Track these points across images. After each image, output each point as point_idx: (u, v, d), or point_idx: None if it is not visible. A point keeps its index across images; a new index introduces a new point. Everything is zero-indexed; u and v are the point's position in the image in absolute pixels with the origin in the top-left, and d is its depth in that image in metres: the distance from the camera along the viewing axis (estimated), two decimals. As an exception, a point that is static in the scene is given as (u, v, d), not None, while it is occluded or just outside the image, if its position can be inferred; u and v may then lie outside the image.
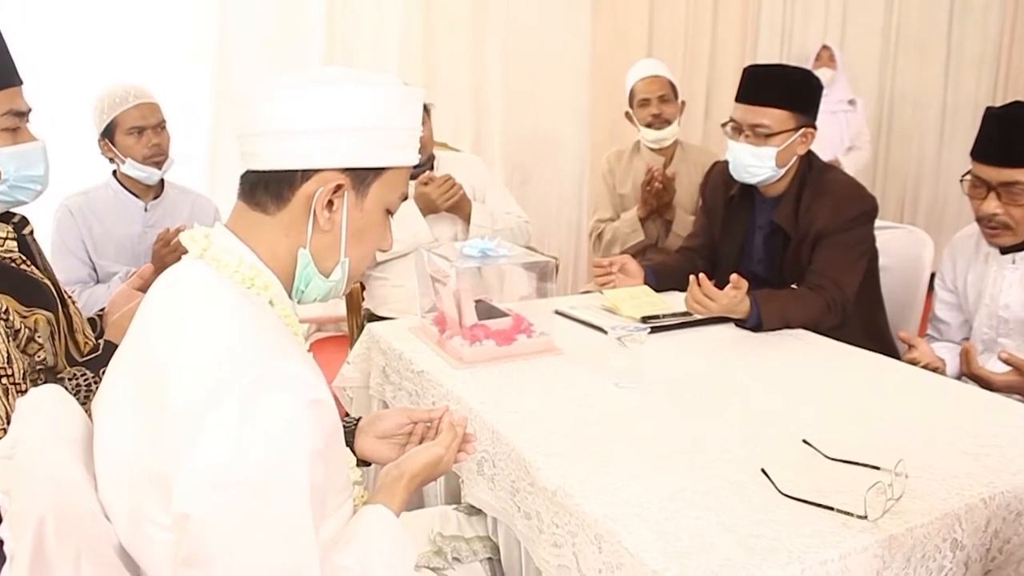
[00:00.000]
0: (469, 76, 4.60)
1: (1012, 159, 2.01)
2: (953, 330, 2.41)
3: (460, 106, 4.61)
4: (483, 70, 4.64)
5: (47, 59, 3.37)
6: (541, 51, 4.77)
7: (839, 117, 5.33)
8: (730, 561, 1.19)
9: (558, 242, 4.99)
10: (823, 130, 5.13)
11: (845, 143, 5.32)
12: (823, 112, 5.14)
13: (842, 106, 5.35)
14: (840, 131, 5.31)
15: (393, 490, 1.33)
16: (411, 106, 1.30)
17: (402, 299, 2.97)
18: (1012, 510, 1.44)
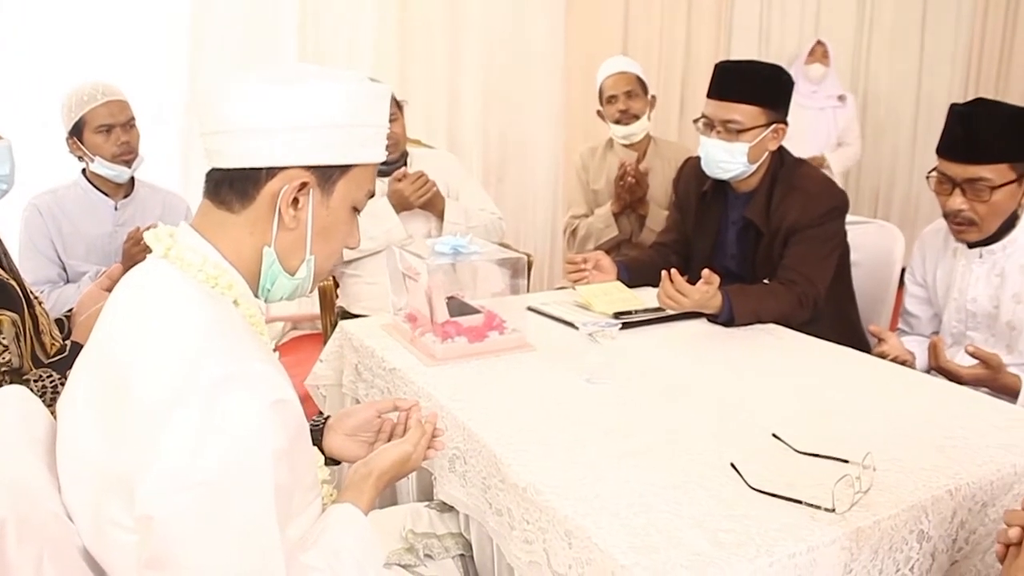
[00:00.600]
0: (444, 73, 4.59)
1: (976, 156, 2.03)
2: (923, 324, 2.42)
3: (435, 103, 4.59)
4: (458, 67, 4.63)
5: (14, 58, 3.33)
6: (516, 50, 4.76)
7: (828, 113, 5.35)
8: (699, 555, 1.19)
9: (533, 239, 4.99)
10: (814, 126, 5.22)
11: (835, 139, 5.34)
12: (814, 108, 5.26)
13: (831, 102, 5.36)
14: (830, 127, 5.33)
15: (361, 488, 1.33)
16: (378, 103, 1.29)
17: (376, 296, 2.96)
18: (977, 501, 1.45)
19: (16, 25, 3.40)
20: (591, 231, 3.43)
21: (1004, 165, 2.03)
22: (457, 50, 4.60)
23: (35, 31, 3.44)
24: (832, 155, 5.18)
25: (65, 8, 3.49)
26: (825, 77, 5.32)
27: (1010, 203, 2.07)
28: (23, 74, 3.31)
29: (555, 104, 4.92)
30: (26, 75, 3.32)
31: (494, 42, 4.67)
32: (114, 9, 3.59)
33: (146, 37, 3.69)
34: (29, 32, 3.42)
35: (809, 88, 5.27)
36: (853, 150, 5.37)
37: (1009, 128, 2.05)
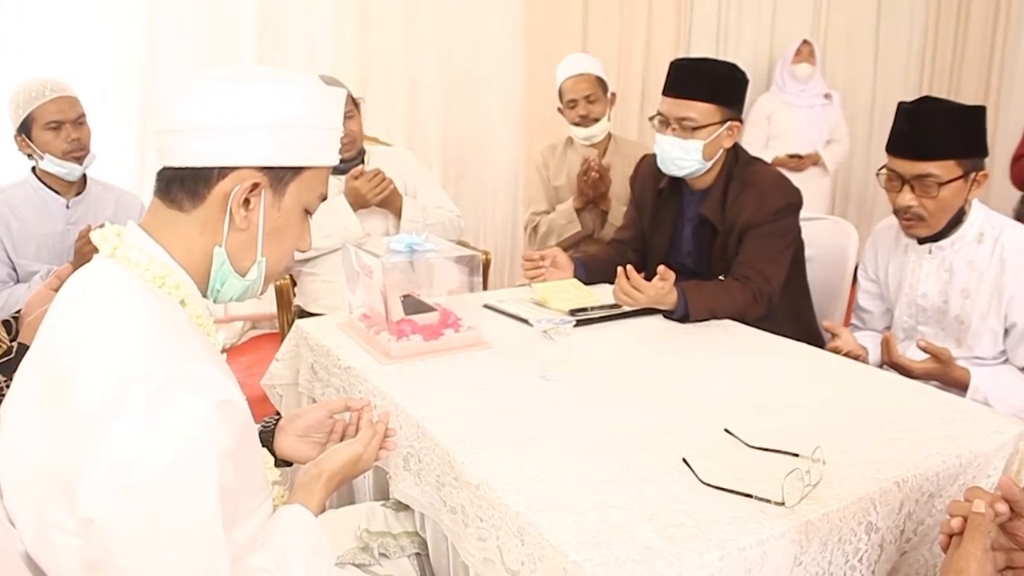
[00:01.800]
0: (404, 71, 4.57)
1: (923, 152, 2.06)
2: (876, 319, 2.45)
3: (395, 101, 4.58)
4: (418, 65, 4.61)
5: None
6: (476, 47, 4.75)
7: (816, 111, 5.41)
8: (649, 550, 1.20)
9: (494, 237, 4.99)
10: (805, 124, 5.28)
11: (824, 137, 5.40)
12: (804, 107, 5.32)
13: (819, 100, 5.42)
14: (819, 125, 5.39)
15: (311, 489, 1.33)
16: (331, 106, 1.30)
17: (333, 295, 2.94)
18: (924, 492, 1.47)
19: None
20: (553, 227, 3.44)
21: (951, 161, 2.06)
22: (417, 47, 4.58)
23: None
24: (825, 152, 5.25)
25: (16, 3, 3.43)
26: (812, 76, 5.39)
27: (957, 199, 2.10)
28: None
29: (515, 102, 4.92)
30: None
31: (454, 39, 4.66)
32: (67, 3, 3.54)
33: (100, 32, 3.64)
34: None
35: (797, 87, 5.34)
36: (843, 146, 5.46)
37: (955, 125, 2.08)
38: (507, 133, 4.93)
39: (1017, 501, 1.26)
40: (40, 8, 3.47)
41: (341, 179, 3.01)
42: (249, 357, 4.39)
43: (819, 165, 5.19)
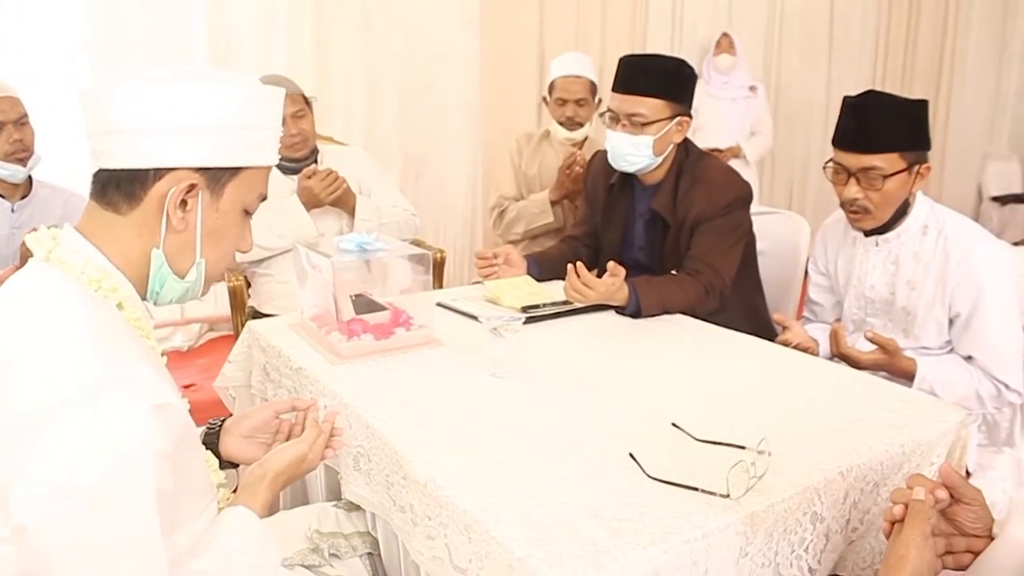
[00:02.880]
0: (360, 69, 4.56)
1: (868, 145, 2.08)
2: (826, 311, 2.48)
3: (352, 100, 4.56)
4: (374, 63, 4.60)
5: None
6: (431, 44, 4.75)
7: (740, 103, 5.45)
8: (594, 545, 1.20)
9: (453, 234, 4.99)
10: (728, 116, 5.32)
11: (747, 129, 5.44)
12: (726, 99, 5.36)
13: (743, 92, 5.46)
14: (742, 117, 5.43)
15: (256, 490, 1.32)
16: (269, 105, 1.29)
17: (287, 295, 2.92)
18: (869, 481, 1.49)
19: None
20: (523, 214, 3.43)
21: (895, 154, 2.08)
22: (373, 45, 4.57)
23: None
24: (747, 144, 5.29)
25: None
26: (734, 68, 5.43)
27: (902, 192, 2.13)
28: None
29: (471, 99, 4.92)
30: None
31: (409, 37, 4.66)
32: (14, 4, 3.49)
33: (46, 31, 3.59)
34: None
35: (720, 79, 5.38)
36: (766, 139, 5.49)
37: (899, 119, 2.11)
38: (464, 131, 4.93)
39: (957, 487, 1.29)
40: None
41: (294, 179, 2.99)
42: (207, 359, 4.36)
43: (740, 158, 5.22)
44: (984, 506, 1.30)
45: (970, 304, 2.10)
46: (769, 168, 6.47)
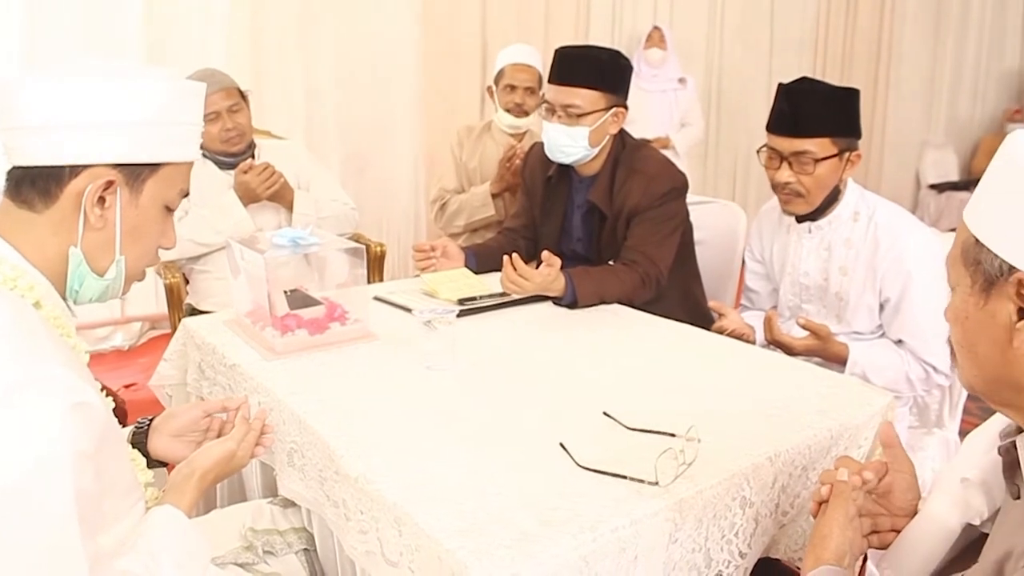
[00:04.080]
0: (300, 63, 4.52)
1: (800, 130, 2.12)
2: (763, 298, 2.51)
3: (292, 94, 4.52)
4: (315, 57, 4.57)
5: None
6: (372, 38, 4.72)
7: (670, 95, 5.49)
8: (524, 534, 1.21)
9: (397, 228, 4.97)
10: (657, 108, 5.36)
11: (677, 120, 5.48)
12: (656, 91, 5.39)
13: (672, 84, 5.51)
14: (671, 109, 5.48)
15: (183, 489, 1.30)
16: (189, 100, 1.27)
17: (225, 292, 2.87)
18: (797, 466, 1.51)
19: None
20: (464, 207, 3.42)
21: (826, 139, 2.12)
22: (313, 39, 4.54)
23: None
24: (676, 136, 5.35)
25: None
26: (664, 61, 5.48)
27: (833, 177, 2.16)
28: None
29: (414, 91, 4.90)
30: None
31: (350, 30, 4.63)
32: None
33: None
34: None
35: (650, 72, 5.43)
36: (696, 130, 5.55)
37: (830, 104, 2.15)
38: (407, 124, 4.91)
39: (893, 447, 1.32)
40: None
41: (230, 174, 2.95)
42: (148, 358, 4.29)
43: (670, 148, 5.28)
44: (914, 480, 1.32)
45: (899, 289, 2.14)
46: (713, 157, 6.54)
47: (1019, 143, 0.97)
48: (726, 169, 6.66)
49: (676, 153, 5.31)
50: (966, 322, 1.02)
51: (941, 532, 1.20)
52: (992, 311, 0.97)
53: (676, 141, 5.34)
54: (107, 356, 4.37)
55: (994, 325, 0.97)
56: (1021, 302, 0.94)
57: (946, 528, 1.19)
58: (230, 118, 2.91)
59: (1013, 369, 0.98)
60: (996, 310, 0.97)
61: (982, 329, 0.99)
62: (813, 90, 2.17)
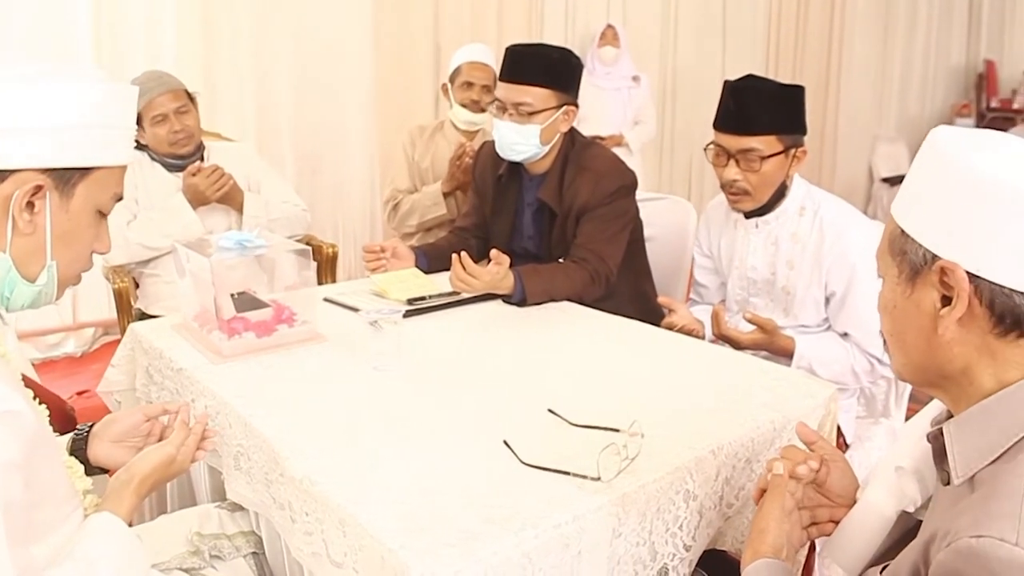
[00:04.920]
0: (252, 64, 4.48)
1: (747, 127, 2.14)
2: (712, 293, 2.53)
3: (244, 95, 4.48)
4: (267, 58, 4.53)
5: None
6: (325, 36, 4.69)
7: (623, 93, 5.53)
8: (466, 532, 1.21)
9: (352, 228, 4.95)
10: (611, 106, 5.39)
11: (630, 118, 5.52)
12: (610, 89, 5.43)
13: (626, 82, 5.55)
14: (625, 106, 5.51)
15: (122, 495, 1.29)
16: (121, 104, 1.26)
17: (175, 296, 2.85)
18: (741, 458, 1.53)
19: None
20: (416, 207, 3.41)
21: (772, 136, 2.14)
22: (264, 39, 4.50)
23: None
24: (630, 133, 5.39)
25: None
26: (618, 59, 5.51)
27: (779, 173, 2.18)
28: None
29: (367, 92, 4.88)
30: None
31: (302, 31, 4.60)
32: None
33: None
34: None
35: (604, 70, 5.47)
36: (649, 127, 5.60)
37: (776, 103, 2.17)
38: (361, 125, 4.89)
39: (814, 443, 1.34)
40: None
41: (179, 176, 2.92)
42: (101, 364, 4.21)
43: (623, 146, 5.32)
44: (848, 469, 1.35)
45: (844, 283, 2.16)
46: (668, 154, 6.59)
47: (940, 139, 1.01)
48: (681, 166, 6.70)
49: (630, 151, 5.35)
50: (894, 311, 1.05)
51: (878, 520, 1.22)
52: (917, 300, 1.00)
53: (630, 139, 5.39)
54: (59, 363, 4.31)
55: (920, 313, 1.00)
56: (944, 290, 0.97)
57: (882, 516, 1.21)
58: (178, 120, 2.88)
59: (938, 356, 1.00)
60: (921, 299, 1.00)
61: (909, 318, 1.02)
62: (759, 88, 2.19)
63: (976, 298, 0.95)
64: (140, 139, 2.92)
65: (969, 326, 0.97)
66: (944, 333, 0.98)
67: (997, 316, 0.95)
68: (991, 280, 0.94)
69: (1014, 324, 0.95)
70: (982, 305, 0.95)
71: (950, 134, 1.01)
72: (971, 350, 0.98)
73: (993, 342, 0.96)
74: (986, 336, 0.96)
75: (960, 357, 0.99)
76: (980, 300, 0.95)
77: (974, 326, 0.97)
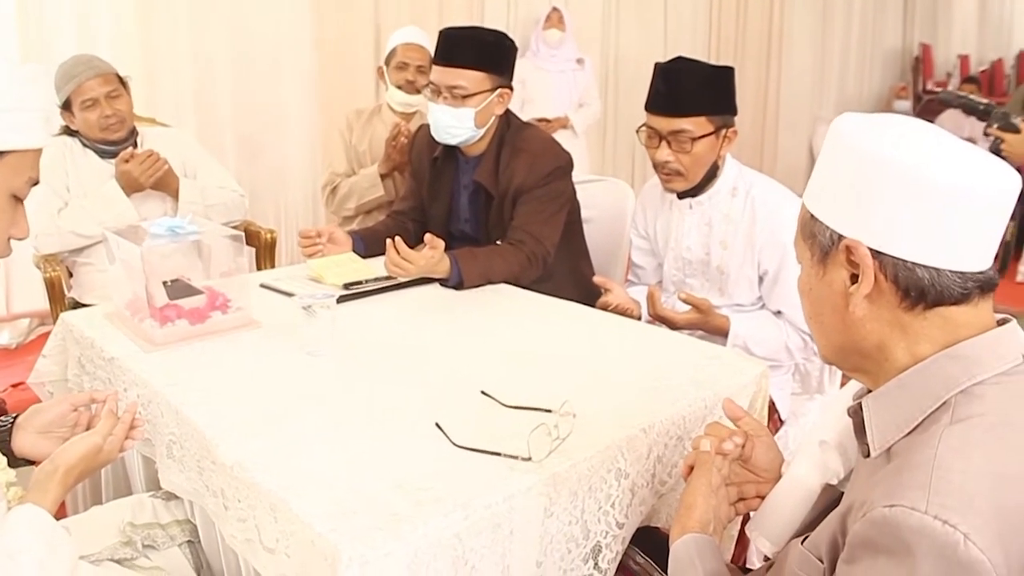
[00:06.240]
0: (189, 48, 4.41)
1: (677, 109, 2.15)
2: (649, 274, 2.55)
3: (182, 79, 4.41)
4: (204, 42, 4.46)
5: None
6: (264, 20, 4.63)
7: (568, 76, 5.55)
8: (396, 515, 1.22)
9: (294, 214, 4.90)
10: (555, 88, 5.41)
11: (575, 101, 5.54)
12: (555, 71, 5.44)
13: (570, 65, 5.57)
14: (570, 89, 5.53)
15: (46, 487, 1.27)
16: (32, 86, 1.24)
17: (110, 285, 2.81)
18: (672, 436, 1.55)
19: None
20: (354, 190, 3.39)
21: (702, 118, 2.16)
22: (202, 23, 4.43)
23: None
24: (575, 115, 5.41)
25: None
26: (563, 42, 5.52)
27: (710, 154, 2.21)
28: None
29: (308, 76, 4.83)
30: None
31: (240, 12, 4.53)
32: None
33: None
34: None
35: (548, 52, 5.48)
36: (593, 109, 5.63)
37: (706, 83, 2.19)
38: (301, 110, 4.85)
39: (739, 418, 1.37)
40: None
41: (111, 162, 2.87)
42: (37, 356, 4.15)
43: (568, 128, 5.35)
44: (773, 443, 1.37)
45: (777, 261, 2.20)
46: (612, 136, 6.62)
47: (843, 125, 1.04)
48: (624, 148, 6.74)
49: (575, 133, 5.37)
50: (811, 294, 1.08)
51: (802, 493, 1.24)
52: (830, 280, 1.03)
53: (575, 121, 5.42)
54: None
55: (832, 293, 1.03)
56: (852, 268, 1.00)
57: (807, 489, 1.24)
58: (108, 104, 2.83)
59: (853, 334, 1.03)
60: (833, 279, 1.03)
61: (824, 299, 1.06)
62: (689, 69, 2.20)
63: (881, 273, 0.98)
64: (71, 124, 2.87)
65: (878, 302, 1.00)
66: (855, 310, 1.01)
67: (903, 290, 0.98)
68: (893, 255, 0.97)
69: (919, 297, 0.97)
70: (888, 280, 0.98)
71: (850, 120, 1.05)
72: (883, 326, 1.01)
73: (902, 316, 0.99)
74: (895, 311, 0.99)
75: (874, 334, 1.02)
76: (885, 275, 0.98)
77: (883, 301, 0.99)
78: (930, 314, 0.98)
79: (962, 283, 0.97)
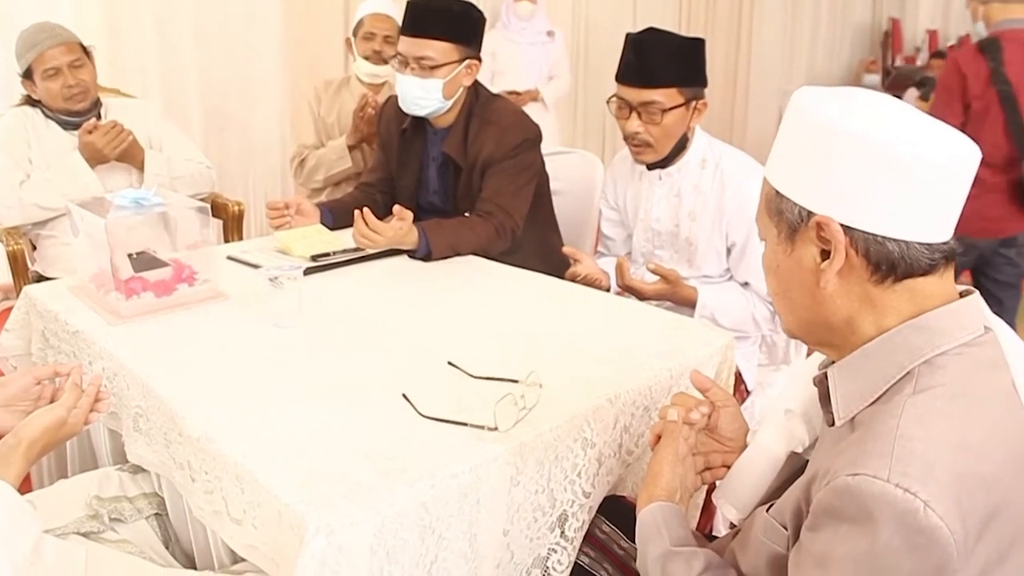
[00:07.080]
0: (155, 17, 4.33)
1: (648, 80, 2.15)
2: (618, 245, 2.56)
3: (147, 49, 4.34)
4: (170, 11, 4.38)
5: None
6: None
7: (538, 48, 5.52)
8: (362, 485, 1.22)
9: (263, 186, 4.86)
10: (526, 61, 5.39)
11: (545, 73, 5.52)
12: (525, 44, 5.42)
13: (541, 37, 5.53)
14: (540, 62, 5.51)
15: (9, 460, 1.26)
16: None
17: (74, 257, 2.77)
18: (639, 406, 1.56)
19: None
20: (322, 162, 3.37)
21: (673, 89, 2.16)
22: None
23: None
24: (545, 88, 5.39)
25: None
26: (534, 14, 5.49)
27: (680, 126, 2.21)
28: None
29: (276, 46, 4.78)
30: None
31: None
32: None
33: None
34: None
35: (519, 25, 5.45)
36: (563, 82, 5.60)
37: (677, 55, 2.18)
38: (270, 81, 4.79)
39: (707, 389, 1.38)
40: None
41: (75, 134, 2.83)
42: (2, 331, 4.11)
43: (539, 101, 5.34)
44: (739, 412, 1.39)
45: (744, 233, 2.21)
46: (582, 109, 6.61)
47: (804, 99, 1.04)
48: (595, 121, 6.73)
49: (545, 105, 5.35)
50: (778, 271, 1.08)
51: (768, 461, 1.26)
52: (798, 257, 1.04)
53: (545, 94, 5.39)
54: None
55: (802, 270, 1.04)
56: (822, 244, 1.01)
57: (773, 457, 1.25)
58: (72, 74, 2.78)
59: (823, 309, 1.04)
60: (802, 255, 1.03)
61: (792, 276, 1.06)
62: (659, 41, 2.20)
63: (852, 249, 0.99)
64: (32, 94, 2.83)
65: (849, 277, 1.00)
66: (826, 286, 1.01)
67: (873, 264, 0.99)
68: (864, 230, 0.97)
69: (889, 270, 0.98)
70: (858, 255, 0.99)
71: (810, 93, 1.05)
72: (853, 300, 1.02)
73: (872, 290, 1.00)
74: (865, 285, 1.00)
75: (843, 308, 1.02)
76: (856, 250, 0.99)
77: (853, 276, 1.00)
78: (899, 287, 0.99)
79: (929, 254, 0.98)
